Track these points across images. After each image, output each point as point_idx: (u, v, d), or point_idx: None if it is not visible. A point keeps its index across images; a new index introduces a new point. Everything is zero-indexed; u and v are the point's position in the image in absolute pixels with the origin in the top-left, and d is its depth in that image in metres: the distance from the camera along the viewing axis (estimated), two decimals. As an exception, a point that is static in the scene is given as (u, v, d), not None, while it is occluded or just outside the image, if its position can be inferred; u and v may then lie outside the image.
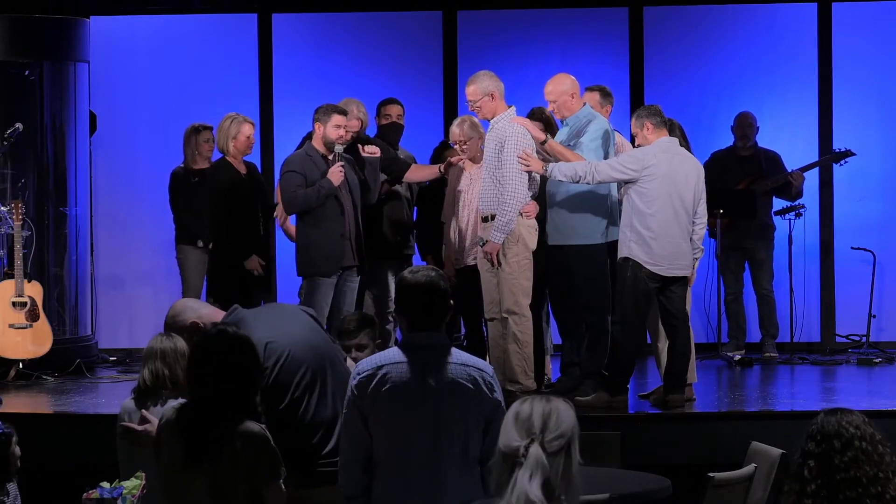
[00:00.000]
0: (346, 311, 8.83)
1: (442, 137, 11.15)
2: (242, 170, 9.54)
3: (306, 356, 5.63)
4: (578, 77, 9.03)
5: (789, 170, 11.21)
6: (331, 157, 8.92)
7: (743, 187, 11.06)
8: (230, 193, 9.39)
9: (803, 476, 4.21)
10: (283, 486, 4.94)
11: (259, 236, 9.53)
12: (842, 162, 11.33)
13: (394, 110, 9.94)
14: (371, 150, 9.11)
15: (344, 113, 8.99)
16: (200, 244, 10.64)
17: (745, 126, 11.27)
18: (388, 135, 9.81)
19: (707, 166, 11.16)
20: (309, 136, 9.19)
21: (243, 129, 9.50)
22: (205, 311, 5.84)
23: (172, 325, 5.88)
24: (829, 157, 11.43)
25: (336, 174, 8.80)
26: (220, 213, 9.49)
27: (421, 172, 9.66)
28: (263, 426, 4.95)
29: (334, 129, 8.89)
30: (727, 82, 11.87)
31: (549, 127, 9.10)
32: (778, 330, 11.24)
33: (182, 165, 10.76)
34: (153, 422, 5.65)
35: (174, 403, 5.28)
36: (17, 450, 6.66)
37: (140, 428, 5.71)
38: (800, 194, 11.24)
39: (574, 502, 3.80)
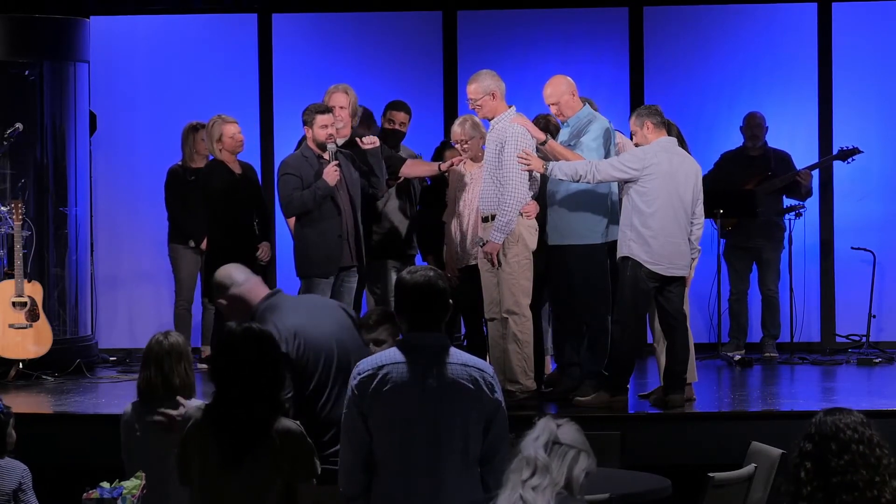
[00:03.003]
0: (344, 311, 8.83)
1: (442, 137, 11.14)
2: (237, 170, 9.51)
3: (330, 351, 5.69)
4: (578, 77, 9.03)
5: (798, 169, 11.21)
6: (325, 157, 8.89)
7: (752, 187, 11.06)
8: (224, 194, 9.38)
9: (799, 478, 4.20)
10: (315, 483, 4.95)
11: (254, 236, 9.50)
12: (849, 160, 11.30)
13: (398, 116, 9.87)
14: (370, 141, 9.04)
15: (327, 111, 8.94)
16: (192, 244, 10.64)
17: (753, 126, 11.24)
18: (388, 139, 9.72)
19: (717, 166, 11.23)
20: (305, 138, 9.17)
21: (226, 130, 9.45)
22: (248, 285, 5.90)
23: (217, 290, 5.99)
24: (837, 154, 11.39)
25: (331, 174, 8.77)
26: (214, 214, 9.47)
27: (418, 168, 9.61)
28: (298, 423, 4.95)
29: (321, 129, 8.85)
30: (727, 82, 11.87)
31: (553, 133, 9.09)
32: (780, 331, 11.23)
33: (180, 164, 10.76)
34: (187, 405, 5.68)
35: (197, 403, 5.26)
36: (13, 433, 6.72)
37: (175, 413, 5.72)
38: (809, 193, 11.23)
39: (576, 473, 3.96)
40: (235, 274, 6.03)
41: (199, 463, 4.92)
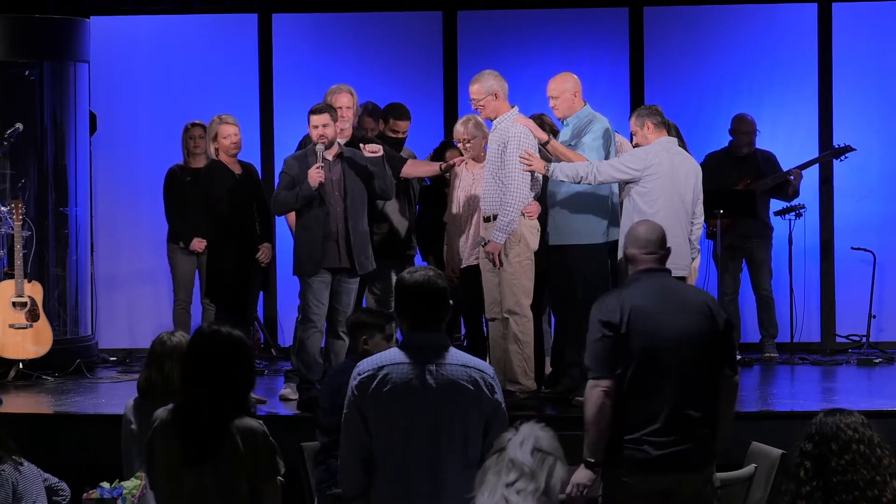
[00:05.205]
0: (343, 312, 8.82)
1: (442, 137, 11.14)
2: (237, 170, 9.49)
3: (657, 337, 5.63)
4: (578, 77, 9.02)
5: (786, 169, 11.19)
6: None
7: (743, 188, 11.04)
8: (223, 195, 9.37)
9: (799, 477, 4.21)
10: (279, 483, 4.94)
11: (255, 237, 9.49)
12: (842, 157, 11.29)
13: (402, 126, 9.84)
14: (373, 150, 9.00)
15: (319, 112, 8.92)
16: (181, 244, 10.60)
17: (750, 131, 11.17)
18: (390, 147, 9.68)
19: (703, 167, 11.17)
20: (308, 137, 9.18)
21: (221, 131, 9.42)
22: None
23: None
24: (828, 153, 11.39)
25: (313, 176, 8.76)
26: (214, 215, 9.46)
27: (418, 168, 9.60)
28: (261, 422, 4.96)
29: (313, 129, 8.87)
30: (727, 82, 11.87)
31: (552, 133, 9.09)
32: (777, 330, 11.22)
33: (179, 164, 10.75)
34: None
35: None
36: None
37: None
38: (797, 193, 11.20)
39: (553, 481, 3.97)
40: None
41: (164, 463, 4.94)
